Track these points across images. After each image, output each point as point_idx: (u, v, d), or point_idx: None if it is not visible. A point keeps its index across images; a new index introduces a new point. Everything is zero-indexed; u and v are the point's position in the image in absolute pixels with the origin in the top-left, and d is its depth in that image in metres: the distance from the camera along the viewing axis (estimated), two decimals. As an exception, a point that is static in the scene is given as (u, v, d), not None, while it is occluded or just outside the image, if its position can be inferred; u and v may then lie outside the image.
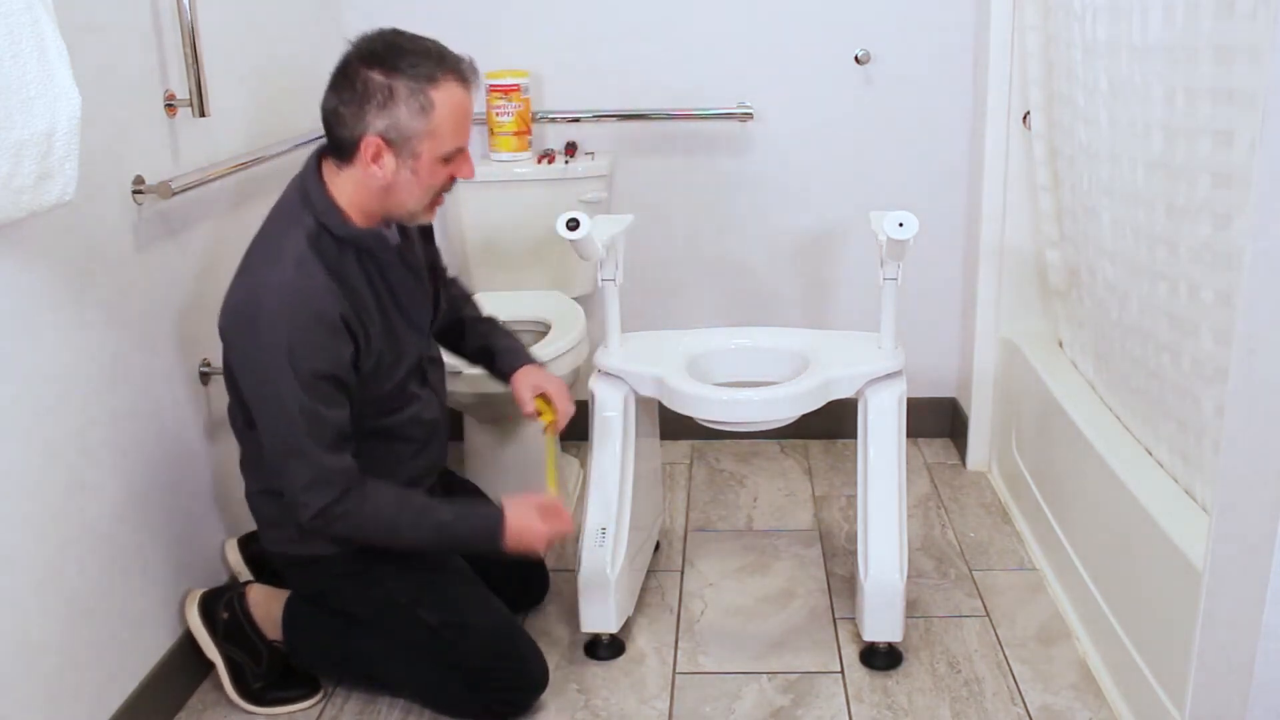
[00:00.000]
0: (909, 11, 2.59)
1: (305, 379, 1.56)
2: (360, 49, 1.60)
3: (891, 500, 1.91)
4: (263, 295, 1.57)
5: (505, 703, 1.80)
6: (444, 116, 1.59)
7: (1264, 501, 1.15)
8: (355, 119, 1.58)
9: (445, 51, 1.62)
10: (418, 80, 1.57)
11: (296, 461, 1.60)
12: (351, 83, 1.58)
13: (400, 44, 1.59)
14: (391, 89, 1.56)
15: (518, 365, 1.96)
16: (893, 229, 1.83)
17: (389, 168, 1.60)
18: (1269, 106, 1.07)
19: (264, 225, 1.68)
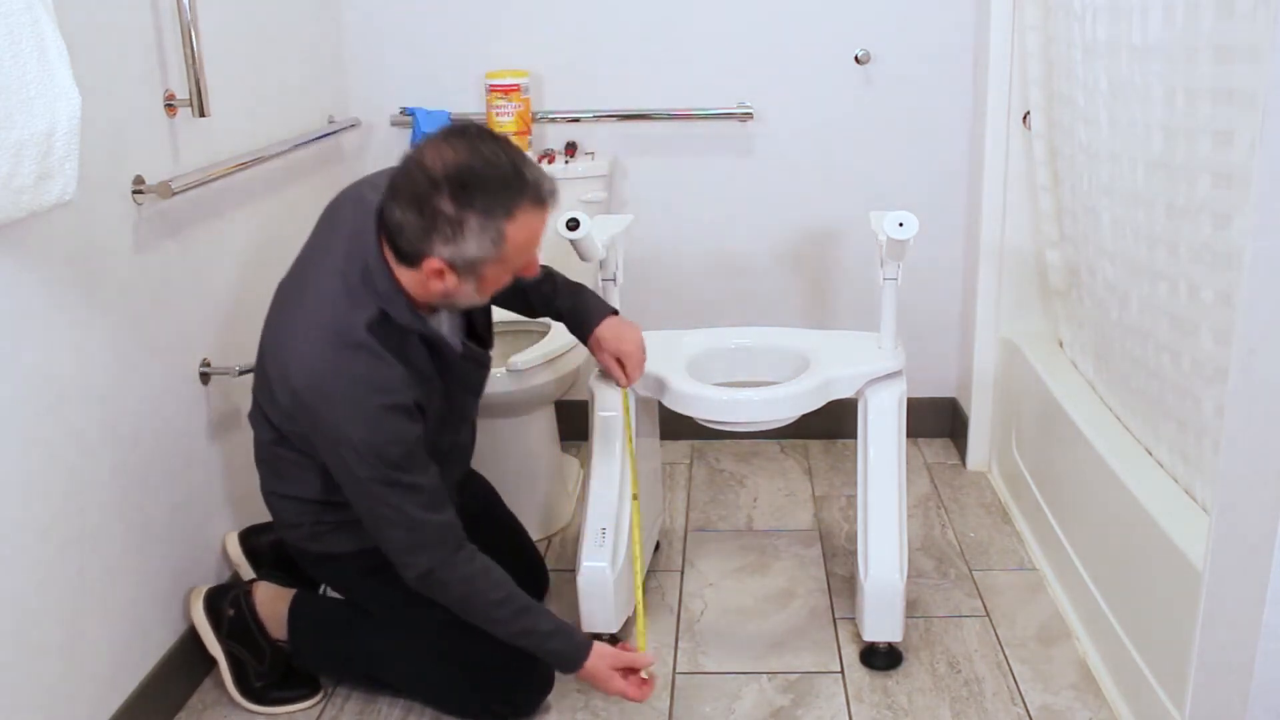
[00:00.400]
0: (909, 11, 2.59)
1: (391, 461, 1.55)
2: (432, 168, 1.48)
3: (891, 500, 1.91)
4: (337, 387, 1.52)
5: (510, 703, 1.80)
6: (515, 245, 1.52)
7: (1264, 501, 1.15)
8: (419, 240, 1.50)
9: (523, 172, 1.51)
10: (491, 216, 1.48)
11: (394, 530, 1.60)
12: (419, 204, 1.48)
13: (476, 169, 1.47)
14: (462, 223, 1.47)
15: (590, 330, 1.88)
16: (893, 229, 1.83)
17: (450, 284, 1.54)
18: (1269, 106, 1.07)
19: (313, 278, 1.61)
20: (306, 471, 1.71)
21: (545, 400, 2.33)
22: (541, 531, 2.40)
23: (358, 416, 1.52)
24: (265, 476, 1.79)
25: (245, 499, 2.10)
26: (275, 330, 1.65)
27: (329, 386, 1.53)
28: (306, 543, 1.78)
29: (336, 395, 1.52)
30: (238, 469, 2.07)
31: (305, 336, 1.56)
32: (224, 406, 2.02)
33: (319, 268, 1.63)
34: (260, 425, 1.75)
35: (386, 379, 1.54)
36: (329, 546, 1.76)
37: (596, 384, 2.03)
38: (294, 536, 1.79)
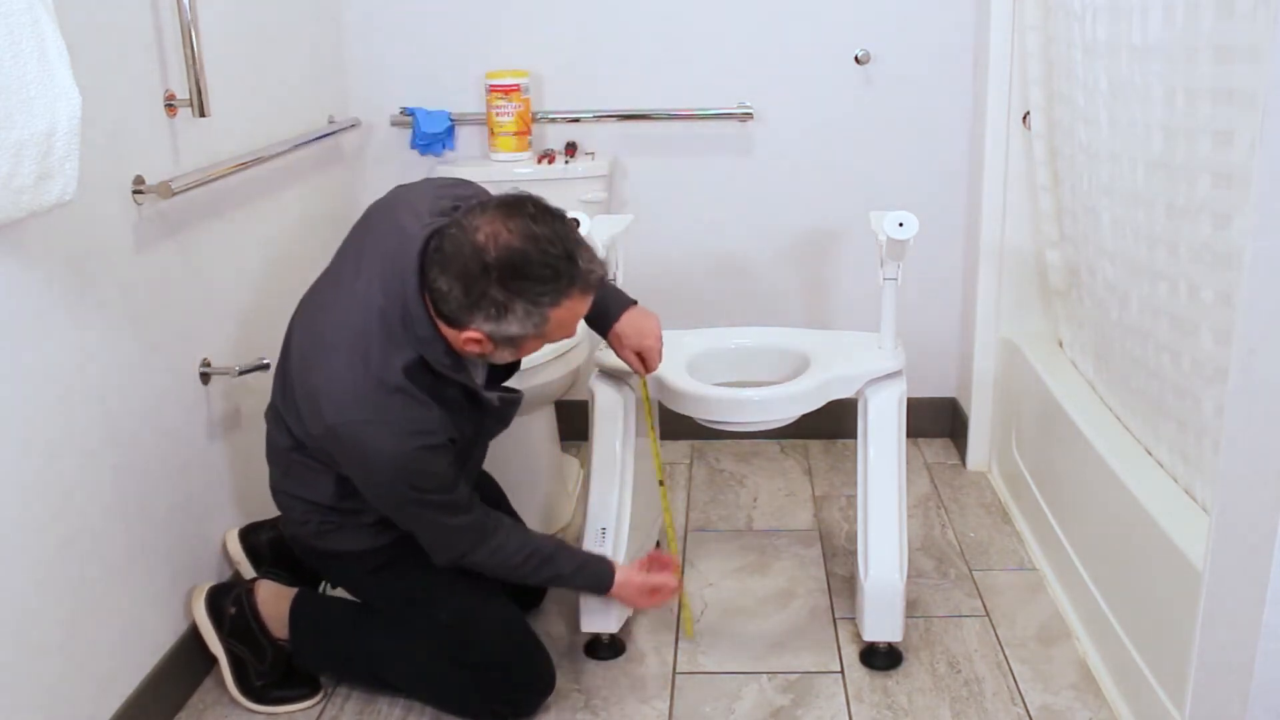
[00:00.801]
0: (909, 11, 2.59)
1: (421, 489, 1.60)
2: (485, 244, 1.46)
3: (891, 500, 1.91)
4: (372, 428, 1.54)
5: (512, 703, 1.80)
6: (556, 325, 1.54)
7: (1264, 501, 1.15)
8: (461, 313, 1.50)
9: (576, 259, 1.50)
10: (538, 304, 1.49)
11: (426, 533, 1.68)
12: (466, 283, 1.47)
13: (529, 257, 1.46)
14: (507, 307, 1.48)
15: (608, 325, 1.88)
16: (893, 229, 1.83)
17: (486, 349, 1.55)
18: (1269, 106, 1.07)
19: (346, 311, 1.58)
20: (320, 477, 1.72)
21: (545, 400, 2.33)
22: (542, 531, 2.40)
23: (394, 458, 1.55)
24: (276, 475, 1.79)
25: (245, 499, 2.10)
26: (307, 353, 1.62)
27: (366, 429, 1.54)
28: (312, 540, 1.78)
29: (373, 437, 1.54)
30: (238, 469, 2.07)
31: (341, 375, 1.55)
32: (224, 406, 2.02)
33: (355, 296, 1.59)
34: (278, 431, 1.75)
35: (424, 422, 1.56)
36: (335, 545, 1.77)
37: (597, 384, 2.03)
38: (300, 533, 1.80)
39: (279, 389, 1.73)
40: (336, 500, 1.73)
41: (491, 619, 1.79)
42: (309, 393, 1.59)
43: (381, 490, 1.61)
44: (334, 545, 1.77)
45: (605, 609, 1.92)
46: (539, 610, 2.12)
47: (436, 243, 1.52)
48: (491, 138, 2.59)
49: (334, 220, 2.56)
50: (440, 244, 1.51)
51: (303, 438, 1.68)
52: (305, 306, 1.70)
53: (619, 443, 1.99)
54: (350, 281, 1.62)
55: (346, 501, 1.73)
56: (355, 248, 1.67)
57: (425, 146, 2.67)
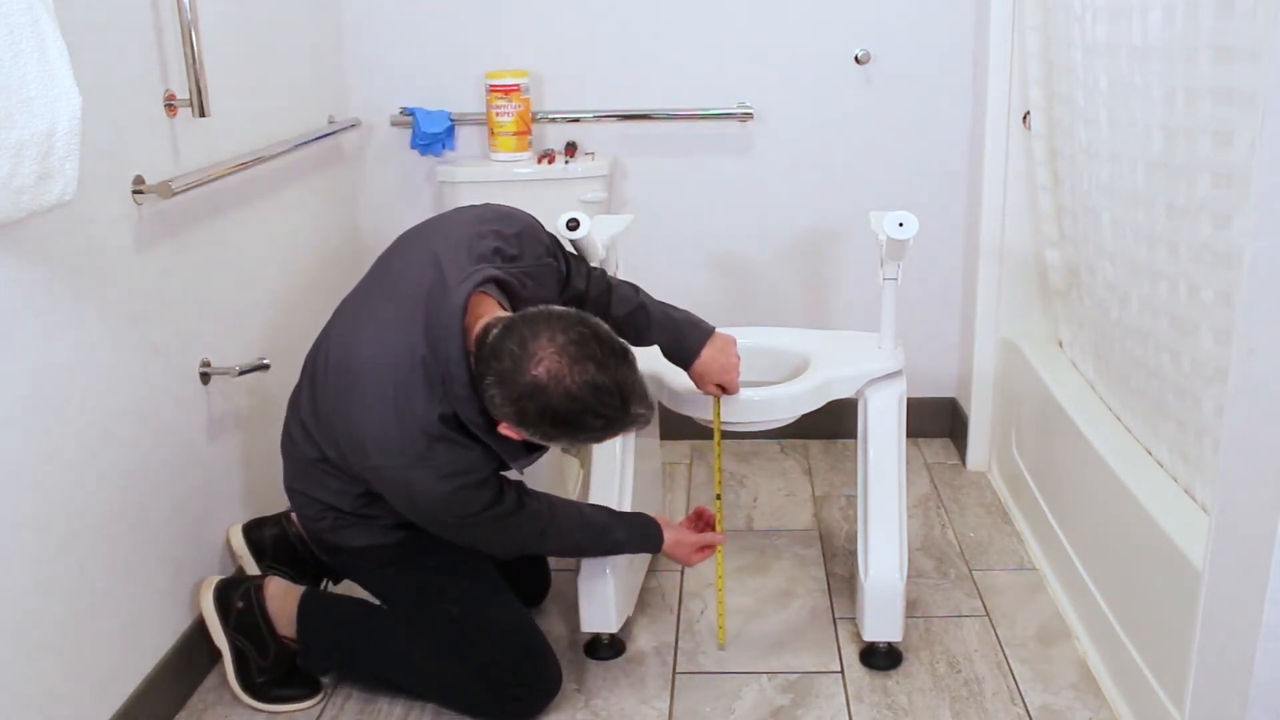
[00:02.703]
0: (909, 11, 2.59)
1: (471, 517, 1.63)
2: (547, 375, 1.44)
3: (891, 500, 1.91)
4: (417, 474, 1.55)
5: (518, 700, 1.80)
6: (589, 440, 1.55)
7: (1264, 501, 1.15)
8: (495, 409, 1.50)
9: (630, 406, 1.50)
10: (578, 441, 1.53)
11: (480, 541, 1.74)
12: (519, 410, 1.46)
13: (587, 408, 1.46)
14: (554, 436, 1.50)
15: (689, 363, 1.86)
16: (893, 229, 1.83)
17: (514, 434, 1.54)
18: (1269, 106, 1.07)
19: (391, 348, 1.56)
20: (342, 488, 1.73)
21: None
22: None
23: (440, 496, 1.58)
24: (292, 474, 1.80)
25: (245, 499, 2.10)
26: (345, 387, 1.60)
27: (411, 473, 1.56)
28: (327, 535, 1.80)
29: (419, 479, 1.57)
30: (237, 469, 2.07)
31: (383, 418, 1.55)
32: (224, 406, 2.02)
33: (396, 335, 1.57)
34: (307, 443, 1.73)
35: (469, 463, 1.58)
36: (349, 540, 1.78)
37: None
38: (315, 528, 1.82)
39: (309, 408, 1.71)
40: (355, 506, 1.74)
41: (500, 617, 1.80)
42: (350, 431, 1.59)
43: (430, 519, 1.66)
44: (348, 541, 1.78)
45: (605, 609, 1.93)
46: (540, 610, 2.12)
47: (494, 342, 1.47)
48: (491, 138, 2.59)
49: (334, 220, 2.56)
50: (498, 351, 1.46)
51: (336, 460, 1.68)
52: (339, 331, 1.67)
53: (619, 443, 1.99)
54: (390, 316, 1.59)
55: (366, 508, 1.74)
56: (390, 278, 1.65)
57: (425, 146, 2.67)
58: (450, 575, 1.80)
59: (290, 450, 1.79)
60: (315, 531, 1.83)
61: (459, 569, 1.81)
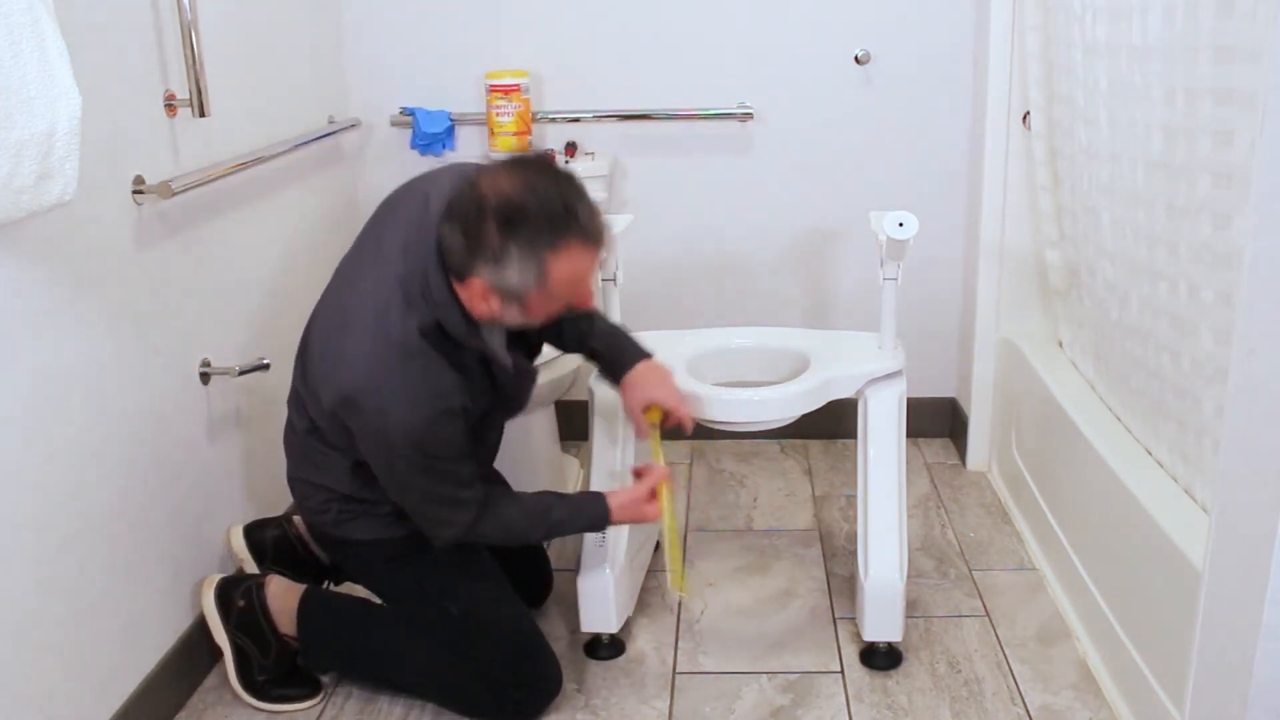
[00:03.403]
0: (909, 11, 2.59)
1: (435, 457, 1.59)
2: (484, 194, 1.48)
3: (891, 500, 1.91)
4: (389, 394, 1.53)
5: (518, 701, 1.80)
6: (559, 280, 1.51)
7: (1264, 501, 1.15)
8: (464, 261, 1.50)
9: (577, 207, 1.50)
10: (535, 247, 1.47)
11: (426, 508, 1.66)
12: (466, 228, 1.49)
13: (525, 203, 1.47)
14: (504, 252, 1.47)
15: (622, 372, 1.86)
16: (893, 229, 1.83)
17: (495, 308, 1.54)
18: (1269, 106, 1.07)
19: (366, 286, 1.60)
20: (337, 465, 1.73)
21: (545, 400, 2.33)
22: (541, 531, 2.40)
23: (408, 422, 1.54)
24: (293, 462, 1.80)
25: (245, 498, 2.10)
26: (329, 328, 1.63)
27: (382, 393, 1.53)
28: (331, 528, 1.79)
29: (389, 401, 1.53)
30: (238, 469, 2.07)
31: (361, 343, 1.55)
32: (224, 406, 2.02)
33: (378, 268, 1.60)
34: (297, 414, 1.76)
35: (440, 385, 1.56)
36: (352, 533, 1.78)
37: (597, 384, 2.03)
38: (319, 521, 1.81)
39: (299, 373, 1.73)
40: (354, 489, 1.74)
41: (502, 617, 1.80)
42: (331, 363, 1.59)
43: (393, 456, 1.58)
44: (351, 534, 1.78)
45: (605, 609, 1.92)
46: (540, 610, 2.12)
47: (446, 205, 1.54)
48: (491, 138, 2.59)
49: (334, 220, 2.56)
50: (449, 202, 1.53)
51: (318, 417, 1.69)
52: (328, 290, 1.71)
53: (619, 443, 1.99)
54: (373, 258, 1.63)
55: (363, 491, 1.73)
56: (377, 230, 1.67)
57: (425, 146, 2.67)
58: (453, 574, 1.80)
59: (289, 438, 1.80)
60: (319, 526, 1.82)
61: (463, 568, 1.81)
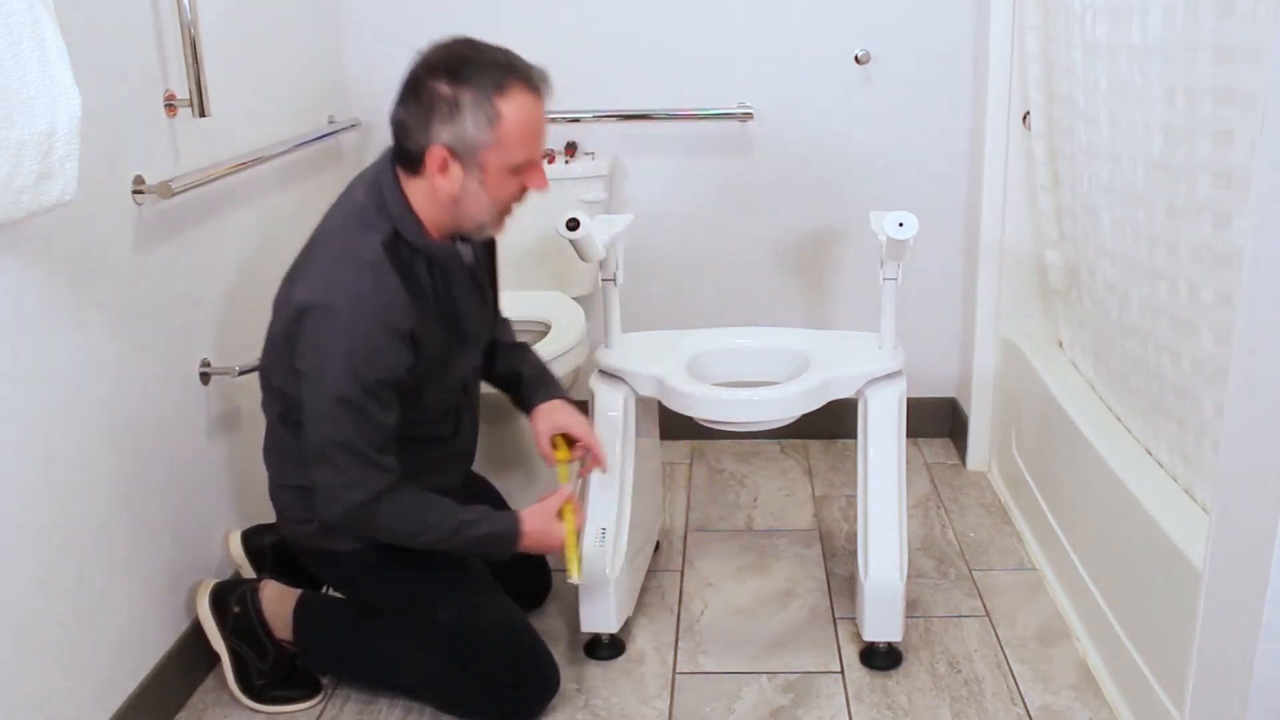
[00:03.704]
0: (909, 11, 2.59)
1: (367, 384, 1.57)
2: (428, 59, 1.59)
3: (891, 500, 1.91)
4: (339, 299, 1.55)
5: (516, 703, 1.80)
6: (511, 128, 1.56)
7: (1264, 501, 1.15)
8: (421, 130, 1.57)
9: (515, 60, 1.60)
10: (484, 90, 1.54)
11: (340, 457, 1.59)
12: (418, 94, 1.57)
13: (468, 54, 1.58)
14: (457, 100, 1.55)
15: (538, 401, 1.89)
16: (893, 229, 1.83)
17: (456, 179, 1.59)
18: (1269, 106, 1.07)
19: (333, 221, 1.66)
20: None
21: (545, 400, 2.33)
22: (541, 531, 2.40)
23: (352, 329, 1.55)
24: (272, 468, 1.80)
25: (245, 499, 2.10)
26: (294, 267, 1.68)
27: (332, 299, 1.55)
28: (313, 540, 1.78)
29: (337, 308, 1.55)
30: (238, 469, 2.07)
31: (320, 260, 1.61)
32: (224, 406, 2.02)
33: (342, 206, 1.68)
34: (268, 407, 1.75)
35: (389, 297, 1.57)
36: (334, 544, 1.76)
37: (596, 384, 2.03)
38: (300, 534, 1.79)
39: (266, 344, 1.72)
40: None
41: (493, 620, 1.79)
42: (291, 282, 1.63)
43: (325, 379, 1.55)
44: (333, 545, 1.77)
45: (605, 609, 1.92)
46: (540, 610, 2.12)
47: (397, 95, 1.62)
48: (491, 138, 2.59)
49: (334, 220, 2.56)
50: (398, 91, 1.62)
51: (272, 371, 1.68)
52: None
53: (619, 443, 1.99)
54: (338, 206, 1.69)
55: None
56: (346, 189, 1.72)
57: (425, 146, 2.67)
58: (441, 580, 1.79)
59: (268, 442, 1.79)
60: (303, 539, 1.79)
61: (450, 572, 1.80)
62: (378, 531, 1.66)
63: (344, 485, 1.60)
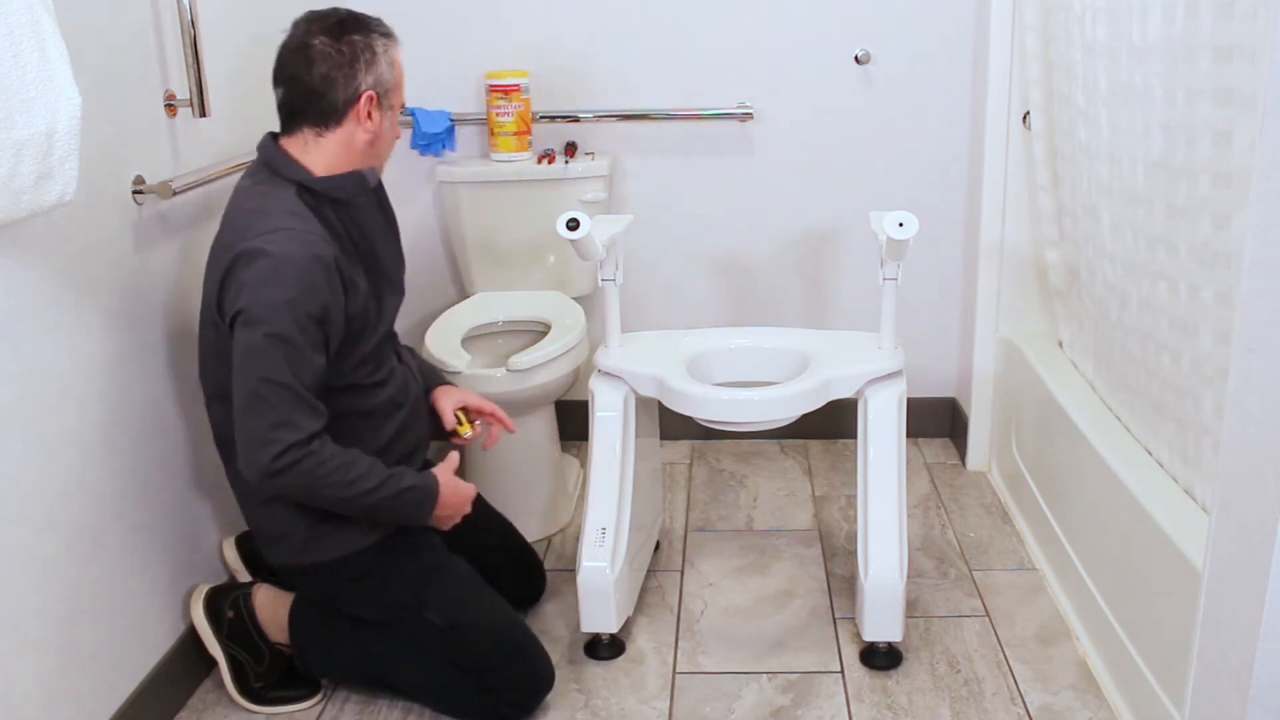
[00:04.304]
0: (909, 11, 2.59)
1: (300, 319, 1.57)
2: (327, 22, 1.70)
3: (891, 500, 1.91)
4: (267, 241, 1.58)
5: (512, 703, 1.80)
6: (400, 68, 1.76)
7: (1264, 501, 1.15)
8: (349, 80, 1.67)
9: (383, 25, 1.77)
10: (386, 38, 1.73)
11: (274, 396, 1.56)
12: (338, 48, 1.68)
13: (355, 15, 1.73)
14: (372, 47, 1.70)
15: (435, 385, 2.00)
16: (893, 229, 1.83)
17: (378, 120, 1.71)
18: (1269, 106, 1.07)
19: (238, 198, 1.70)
20: None
21: (545, 400, 2.33)
22: (541, 531, 2.40)
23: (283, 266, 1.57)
24: (239, 493, 1.78)
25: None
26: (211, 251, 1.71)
27: (261, 242, 1.59)
28: (297, 555, 1.75)
29: (266, 248, 1.58)
30: (238, 469, 2.07)
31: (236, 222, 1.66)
32: (224, 406, 2.02)
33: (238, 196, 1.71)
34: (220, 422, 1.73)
35: (312, 232, 1.63)
36: (318, 555, 1.74)
37: (596, 384, 2.03)
38: (282, 552, 1.76)
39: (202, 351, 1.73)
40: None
41: (485, 621, 1.79)
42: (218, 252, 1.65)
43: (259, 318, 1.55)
44: (317, 556, 1.74)
45: (605, 609, 1.92)
46: (539, 610, 2.12)
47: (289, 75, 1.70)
48: (491, 138, 2.59)
49: (334, 220, 2.56)
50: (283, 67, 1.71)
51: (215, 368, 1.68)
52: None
53: (619, 443, 1.99)
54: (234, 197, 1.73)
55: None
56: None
57: (425, 146, 2.67)
58: (427, 583, 1.78)
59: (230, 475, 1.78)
60: (286, 556, 1.76)
61: (436, 574, 1.80)
62: (309, 481, 1.60)
63: (278, 424, 1.56)
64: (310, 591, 1.86)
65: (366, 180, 1.73)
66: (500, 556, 2.03)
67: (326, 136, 1.69)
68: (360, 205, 1.73)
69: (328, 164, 1.70)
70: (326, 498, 1.63)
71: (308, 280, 1.58)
